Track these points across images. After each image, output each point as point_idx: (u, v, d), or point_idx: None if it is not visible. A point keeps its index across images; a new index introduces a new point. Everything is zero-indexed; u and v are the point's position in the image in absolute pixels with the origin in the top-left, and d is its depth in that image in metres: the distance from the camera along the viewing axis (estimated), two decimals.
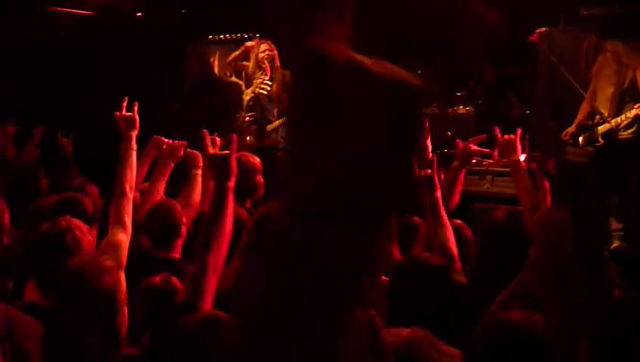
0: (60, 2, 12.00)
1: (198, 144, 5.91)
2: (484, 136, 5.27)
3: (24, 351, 2.98)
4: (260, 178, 5.77)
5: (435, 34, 9.12)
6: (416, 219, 4.80)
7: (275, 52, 9.86)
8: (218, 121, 9.57)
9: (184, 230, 4.64)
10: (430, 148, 9.51)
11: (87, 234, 3.61)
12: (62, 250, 3.47)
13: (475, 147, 4.97)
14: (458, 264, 3.90)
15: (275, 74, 9.91)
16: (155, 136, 6.15)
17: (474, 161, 5.72)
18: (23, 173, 5.92)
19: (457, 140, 5.27)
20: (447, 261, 3.74)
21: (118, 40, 12.23)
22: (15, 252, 4.37)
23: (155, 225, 4.68)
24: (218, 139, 5.23)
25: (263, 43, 9.97)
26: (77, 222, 3.64)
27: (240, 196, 5.31)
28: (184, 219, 4.69)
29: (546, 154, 7.40)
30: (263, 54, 9.93)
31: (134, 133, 4.51)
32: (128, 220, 3.87)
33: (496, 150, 5.05)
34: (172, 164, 5.56)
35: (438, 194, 4.17)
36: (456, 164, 5.14)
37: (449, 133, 10.04)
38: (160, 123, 10.74)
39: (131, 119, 4.55)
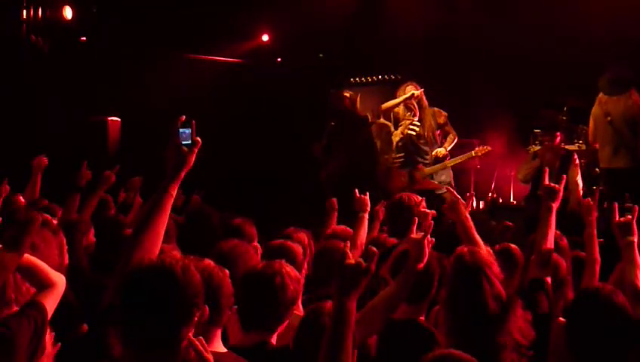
0: (207, 50, 12.51)
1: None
2: None
3: None
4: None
5: None
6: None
7: (422, 92, 9.87)
8: (364, 160, 9.70)
9: None
10: (581, 185, 9.45)
11: (294, 282, 3.72)
12: (269, 291, 3.62)
13: None
14: None
15: (423, 114, 9.92)
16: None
17: None
18: (198, 216, 6.09)
19: None
20: (633, 299, 3.83)
21: (263, 83, 12.65)
22: None
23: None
24: None
25: (409, 84, 9.99)
26: (289, 268, 3.77)
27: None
28: None
29: None
30: (409, 93, 9.93)
31: None
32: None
33: None
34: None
35: (634, 238, 4.25)
36: None
37: (597, 170, 9.82)
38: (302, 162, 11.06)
39: None
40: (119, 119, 11.32)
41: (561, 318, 3.87)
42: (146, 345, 2.72)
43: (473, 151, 10.17)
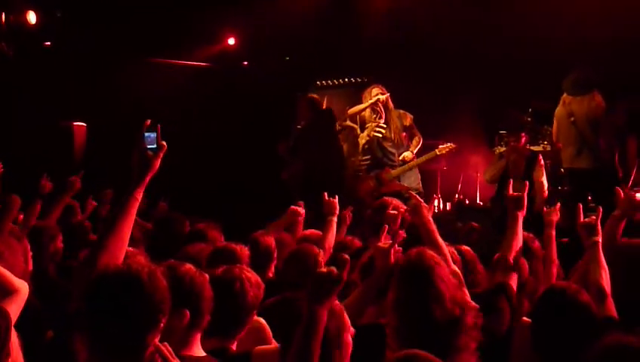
0: (172, 55, 12.46)
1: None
2: None
3: None
4: None
5: None
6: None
7: (388, 95, 9.88)
8: (332, 164, 9.71)
9: None
10: (546, 185, 9.52)
11: (254, 287, 3.71)
12: (229, 296, 3.61)
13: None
14: (609, 300, 3.92)
15: (389, 116, 9.95)
16: (291, 207, 6.44)
17: None
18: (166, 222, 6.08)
19: (617, 188, 4.88)
20: (597, 298, 3.87)
21: (229, 87, 12.62)
22: None
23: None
24: None
25: (374, 87, 10.00)
26: (250, 273, 3.77)
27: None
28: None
29: None
30: (375, 98, 9.95)
31: None
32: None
33: None
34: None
35: (599, 238, 4.28)
36: (617, 213, 4.80)
37: (562, 170, 9.90)
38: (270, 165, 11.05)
39: None
40: (85, 124, 11.24)
41: (525, 318, 3.90)
42: (112, 351, 2.72)
43: (437, 150, 10.16)
